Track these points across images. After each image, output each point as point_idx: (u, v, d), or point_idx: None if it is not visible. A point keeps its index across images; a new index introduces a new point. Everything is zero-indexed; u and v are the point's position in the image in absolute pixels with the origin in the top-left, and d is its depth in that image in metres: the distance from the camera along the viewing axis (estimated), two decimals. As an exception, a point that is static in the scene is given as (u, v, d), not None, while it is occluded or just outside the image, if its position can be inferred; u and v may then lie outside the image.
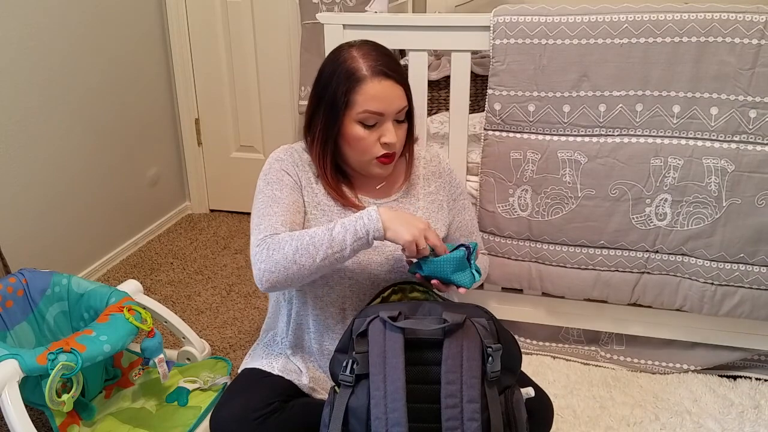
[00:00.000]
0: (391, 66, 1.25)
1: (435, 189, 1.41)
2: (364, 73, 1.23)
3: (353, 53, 1.26)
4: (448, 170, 1.46)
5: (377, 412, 1.03)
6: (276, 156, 1.35)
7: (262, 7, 2.65)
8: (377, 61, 1.24)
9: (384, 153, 1.27)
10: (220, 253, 2.60)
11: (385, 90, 1.23)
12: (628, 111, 1.56)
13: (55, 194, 2.20)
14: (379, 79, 1.23)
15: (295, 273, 1.15)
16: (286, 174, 1.31)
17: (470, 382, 1.05)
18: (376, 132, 1.25)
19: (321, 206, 1.32)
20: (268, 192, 1.28)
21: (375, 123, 1.25)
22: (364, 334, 1.09)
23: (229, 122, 2.88)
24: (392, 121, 1.26)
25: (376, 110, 1.23)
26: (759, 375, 1.74)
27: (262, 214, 1.25)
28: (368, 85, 1.22)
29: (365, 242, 1.15)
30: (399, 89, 1.25)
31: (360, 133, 1.25)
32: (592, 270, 1.70)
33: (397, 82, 1.25)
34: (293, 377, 1.33)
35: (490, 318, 1.13)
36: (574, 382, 1.75)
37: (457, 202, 1.45)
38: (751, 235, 1.55)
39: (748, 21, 1.44)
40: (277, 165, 1.33)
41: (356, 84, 1.23)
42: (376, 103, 1.23)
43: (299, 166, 1.34)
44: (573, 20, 1.53)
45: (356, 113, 1.23)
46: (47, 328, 1.59)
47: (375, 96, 1.22)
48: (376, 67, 1.23)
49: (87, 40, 2.28)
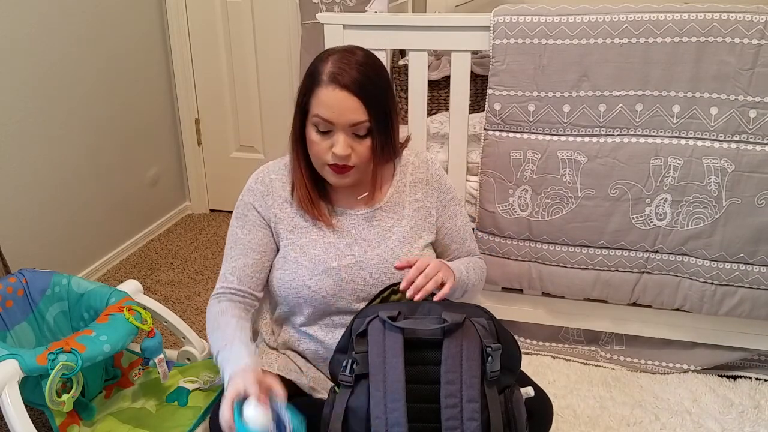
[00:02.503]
0: (354, 78, 1.18)
1: (422, 196, 1.37)
2: (322, 77, 1.19)
3: (330, 55, 1.22)
4: (437, 176, 1.40)
5: (377, 412, 1.03)
6: (249, 185, 1.36)
7: (262, 7, 2.65)
8: (342, 69, 1.18)
9: (333, 163, 1.23)
10: (220, 253, 2.60)
11: (337, 99, 1.17)
12: (628, 111, 1.56)
13: (55, 194, 2.20)
14: (333, 87, 1.17)
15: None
16: (252, 209, 1.32)
17: (470, 381, 1.04)
18: (329, 140, 1.21)
19: (298, 229, 1.30)
20: (232, 230, 1.34)
21: (327, 130, 1.21)
22: (364, 334, 1.09)
23: (229, 122, 2.88)
24: (347, 133, 1.20)
25: (324, 116, 1.19)
26: (759, 375, 1.74)
27: (224, 256, 1.34)
28: (322, 90, 1.18)
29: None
30: (354, 102, 1.18)
31: (313, 137, 1.22)
32: (592, 270, 1.70)
33: (354, 95, 1.17)
34: (293, 376, 1.32)
35: (490, 318, 1.13)
36: (574, 382, 1.75)
37: (447, 208, 1.40)
38: (751, 235, 1.55)
39: (748, 21, 1.44)
40: (248, 197, 1.34)
41: (313, 86, 1.20)
42: (325, 110, 1.18)
43: (269, 194, 1.32)
44: (573, 20, 1.53)
45: (311, 116, 1.21)
46: (47, 328, 1.59)
47: (325, 103, 1.18)
48: (335, 75, 1.17)
49: (87, 40, 2.28)
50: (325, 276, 1.26)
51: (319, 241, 1.29)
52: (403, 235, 1.32)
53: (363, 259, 1.28)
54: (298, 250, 1.29)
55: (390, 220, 1.33)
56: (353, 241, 1.30)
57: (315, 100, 1.20)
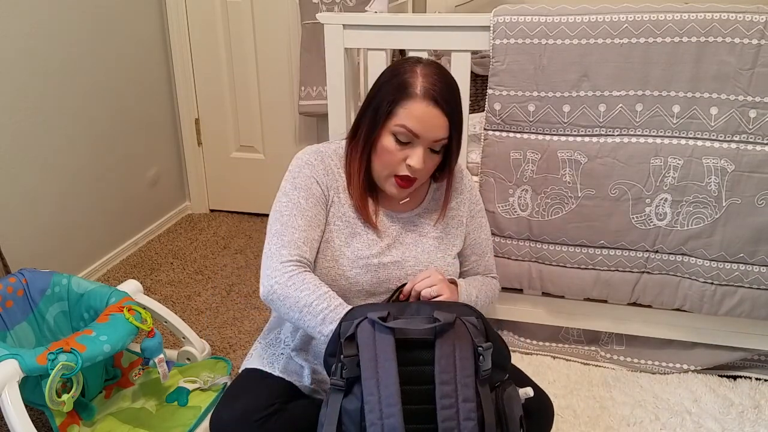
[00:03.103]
0: (445, 96, 1.21)
1: (456, 205, 1.41)
2: (415, 91, 1.20)
3: (416, 69, 1.23)
4: (469, 187, 1.44)
5: (372, 418, 1.02)
6: (306, 160, 1.31)
7: (262, 7, 2.65)
8: (435, 85, 1.21)
9: (404, 174, 1.25)
10: (220, 253, 2.60)
11: (430, 115, 1.20)
12: (628, 111, 1.56)
13: (55, 194, 2.20)
14: (427, 102, 1.20)
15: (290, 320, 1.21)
16: (316, 183, 1.29)
17: (465, 381, 1.04)
18: (405, 151, 1.23)
19: (345, 217, 1.31)
20: (295, 198, 1.27)
21: (408, 142, 1.23)
22: (352, 337, 1.08)
23: (229, 122, 2.88)
24: (426, 148, 1.23)
25: (412, 129, 1.20)
26: (759, 375, 1.74)
27: (286, 223, 1.24)
28: (415, 103, 1.20)
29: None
30: (443, 120, 1.22)
31: (390, 146, 1.23)
32: (592, 270, 1.70)
33: (445, 114, 1.21)
34: (294, 378, 1.32)
35: (479, 316, 1.12)
36: (574, 382, 1.75)
37: (474, 219, 1.44)
38: (751, 235, 1.55)
39: (748, 21, 1.44)
40: (308, 170, 1.30)
41: (404, 98, 1.21)
42: (415, 123, 1.20)
43: (330, 174, 1.31)
44: (573, 20, 1.53)
45: (394, 124, 1.22)
46: (47, 328, 1.59)
47: (417, 116, 1.20)
48: (429, 91, 1.20)
49: (87, 40, 2.28)
50: (365, 270, 1.29)
51: (363, 236, 1.31)
52: (438, 241, 1.36)
53: (401, 260, 1.31)
54: (343, 239, 1.30)
55: (427, 226, 1.37)
56: (393, 242, 1.33)
57: (404, 111, 1.20)
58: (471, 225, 1.44)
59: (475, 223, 1.44)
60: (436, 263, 1.34)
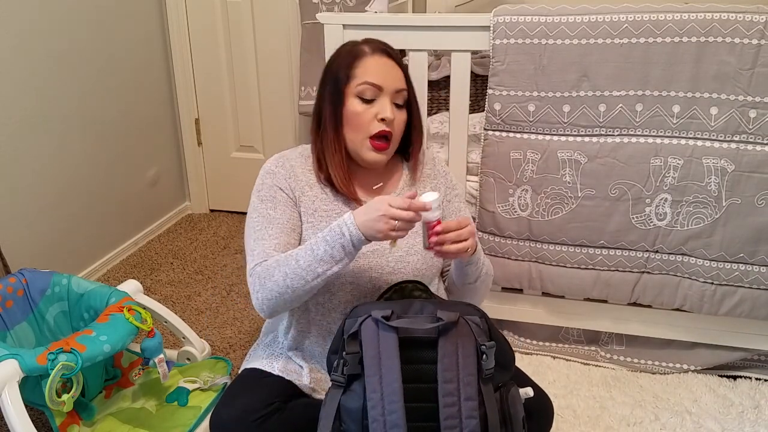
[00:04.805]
0: (392, 51, 1.33)
1: (430, 190, 1.41)
2: (365, 50, 1.31)
3: (356, 41, 1.35)
4: (443, 172, 1.46)
5: (375, 414, 1.03)
6: (268, 169, 1.35)
7: (262, 7, 2.65)
8: (380, 43, 1.33)
9: (378, 132, 1.28)
10: (220, 253, 2.60)
11: (386, 66, 1.30)
12: (628, 111, 1.56)
13: (56, 194, 2.20)
14: (379, 54, 1.30)
15: (290, 297, 1.19)
16: (279, 190, 1.32)
17: (467, 380, 1.04)
18: (373, 109, 1.28)
19: (318, 212, 1.32)
20: (262, 210, 1.30)
21: (372, 99, 1.28)
22: (355, 335, 1.09)
23: (229, 122, 2.88)
24: (391, 102, 1.29)
25: (374, 81, 1.27)
26: (759, 375, 1.74)
27: (257, 238, 1.27)
28: (369, 59, 1.29)
29: (352, 254, 1.17)
30: (398, 72, 1.31)
31: (358, 108, 1.28)
32: (592, 270, 1.70)
33: (398, 65, 1.32)
34: (293, 377, 1.32)
35: (482, 316, 1.13)
36: (574, 382, 1.75)
37: (451, 203, 1.45)
38: (750, 235, 1.55)
39: (748, 21, 1.44)
40: (270, 180, 1.33)
41: (357, 59, 1.30)
42: (374, 75, 1.28)
43: (292, 177, 1.34)
44: (573, 20, 1.53)
45: (355, 85, 1.28)
46: (47, 328, 1.59)
47: (375, 69, 1.28)
48: (377, 46, 1.32)
49: (87, 40, 2.28)
50: None
51: None
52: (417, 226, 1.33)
53: (379, 247, 1.31)
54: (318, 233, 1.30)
55: None
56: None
57: (361, 69, 1.29)
58: (448, 209, 1.44)
59: (452, 207, 1.45)
60: (417, 247, 1.33)
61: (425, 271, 1.34)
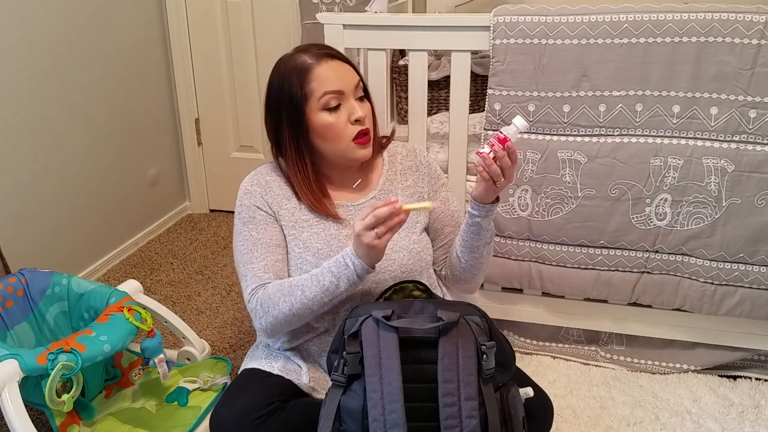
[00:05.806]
0: (331, 50, 1.32)
1: (413, 182, 1.42)
2: (310, 62, 1.27)
3: (291, 55, 1.32)
4: (425, 163, 1.45)
5: (375, 414, 1.03)
6: (244, 189, 1.37)
7: (262, 7, 2.65)
8: (318, 48, 1.30)
9: (358, 131, 1.28)
10: (220, 253, 2.60)
11: (336, 68, 1.28)
12: (628, 111, 1.56)
13: (55, 194, 2.20)
14: (326, 60, 1.27)
15: (296, 323, 1.25)
16: (257, 209, 1.33)
17: (467, 380, 1.04)
18: (342, 113, 1.28)
19: (299, 224, 1.33)
20: (246, 234, 1.32)
21: (338, 104, 1.27)
22: (355, 335, 1.09)
23: (229, 122, 2.88)
24: (354, 98, 1.29)
25: (334, 89, 1.26)
26: (759, 375, 1.74)
27: (246, 262, 1.29)
28: (318, 69, 1.26)
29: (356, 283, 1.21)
30: (348, 67, 1.30)
31: (328, 119, 1.27)
32: (592, 270, 1.70)
33: (344, 61, 1.30)
34: (293, 377, 1.32)
35: (483, 315, 1.13)
36: (574, 382, 1.75)
37: (438, 193, 1.45)
38: (750, 235, 1.55)
39: (748, 21, 1.44)
40: (247, 200, 1.35)
41: (306, 74, 1.27)
42: (332, 83, 1.26)
43: (268, 193, 1.35)
44: (573, 20, 1.53)
45: (317, 99, 1.27)
46: (47, 328, 1.59)
47: (328, 76, 1.26)
48: (318, 53, 1.29)
49: (87, 40, 2.28)
50: None
51: (321, 234, 1.32)
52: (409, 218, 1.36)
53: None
54: (301, 245, 1.31)
55: None
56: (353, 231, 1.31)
57: (315, 83, 1.26)
58: (436, 199, 1.44)
59: (440, 197, 1.45)
60: (401, 243, 1.34)
61: (412, 266, 1.34)
